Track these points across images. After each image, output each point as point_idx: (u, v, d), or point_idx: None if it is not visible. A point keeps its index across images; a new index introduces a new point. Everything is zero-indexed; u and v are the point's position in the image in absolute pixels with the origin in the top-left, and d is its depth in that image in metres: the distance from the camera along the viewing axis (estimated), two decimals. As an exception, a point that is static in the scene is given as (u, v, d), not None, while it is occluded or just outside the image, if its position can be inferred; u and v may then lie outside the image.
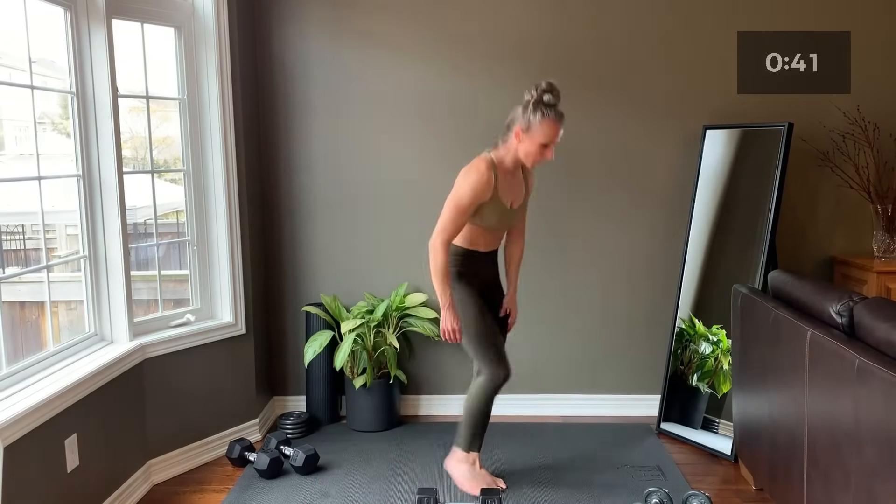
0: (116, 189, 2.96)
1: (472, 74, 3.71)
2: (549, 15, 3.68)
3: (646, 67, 3.69)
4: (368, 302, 3.75)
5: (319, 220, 3.85)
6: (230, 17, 3.36)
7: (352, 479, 3.16)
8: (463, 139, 3.75)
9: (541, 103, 2.70)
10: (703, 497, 2.75)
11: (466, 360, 3.89)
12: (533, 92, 2.72)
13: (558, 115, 2.71)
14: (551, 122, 2.69)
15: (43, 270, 2.77)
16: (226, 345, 3.45)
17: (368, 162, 3.80)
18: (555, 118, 2.70)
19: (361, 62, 3.74)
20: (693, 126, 3.69)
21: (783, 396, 2.55)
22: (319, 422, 3.77)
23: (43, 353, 2.71)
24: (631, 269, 3.81)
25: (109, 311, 3.04)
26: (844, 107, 3.61)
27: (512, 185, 2.88)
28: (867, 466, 1.95)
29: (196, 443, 3.35)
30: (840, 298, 2.33)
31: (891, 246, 3.56)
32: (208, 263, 3.45)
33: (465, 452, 3.03)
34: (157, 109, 3.46)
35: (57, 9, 2.81)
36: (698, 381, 3.51)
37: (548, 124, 2.69)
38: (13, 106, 2.83)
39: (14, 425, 2.24)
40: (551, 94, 2.70)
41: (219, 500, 3.01)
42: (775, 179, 3.32)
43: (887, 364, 1.89)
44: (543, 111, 2.69)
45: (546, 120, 2.69)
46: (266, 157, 3.82)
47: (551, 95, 2.70)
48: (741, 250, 3.45)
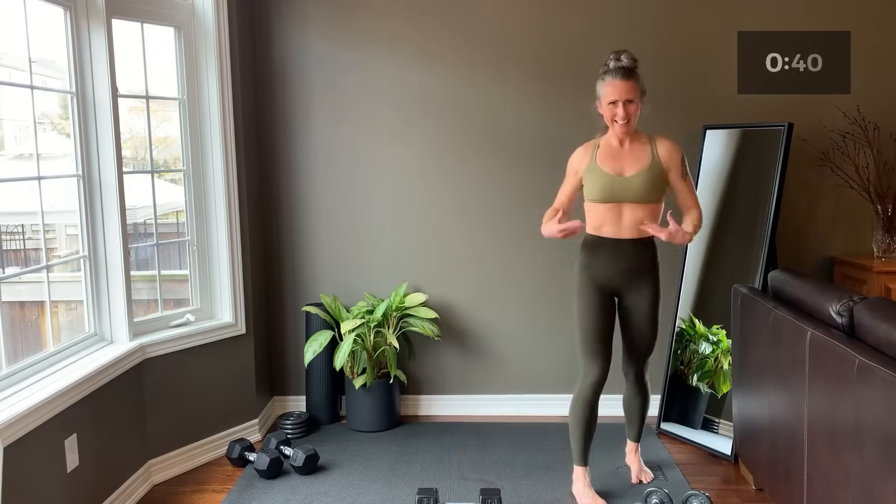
0: (116, 189, 2.96)
1: (472, 75, 3.71)
2: (550, 16, 3.68)
3: (646, 67, 3.67)
4: (368, 302, 3.75)
5: (319, 219, 3.85)
6: (230, 17, 3.36)
7: (352, 479, 3.16)
8: (463, 139, 3.76)
9: (602, 72, 2.76)
10: (703, 497, 2.75)
11: (466, 360, 3.91)
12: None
13: (615, 71, 2.70)
14: (609, 82, 2.71)
15: (43, 270, 2.77)
16: (226, 345, 3.45)
17: (368, 162, 3.80)
18: (612, 77, 2.71)
19: (362, 62, 3.74)
20: (693, 126, 3.69)
21: (783, 396, 2.55)
22: (319, 422, 3.77)
23: (43, 353, 2.71)
24: (631, 269, 3.81)
25: (109, 311, 3.04)
26: (844, 107, 3.61)
27: (619, 155, 2.79)
28: (867, 466, 1.95)
29: (196, 443, 3.35)
30: (840, 298, 2.33)
31: (891, 246, 3.56)
32: (208, 263, 3.45)
33: (576, 467, 2.98)
34: (157, 109, 3.46)
35: (57, 9, 2.81)
36: (698, 381, 3.51)
37: (606, 85, 2.72)
38: (13, 106, 2.83)
39: (14, 425, 2.24)
40: (612, 58, 2.73)
41: (219, 500, 3.01)
42: (775, 179, 3.32)
43: (887, 364, 1.89)
44: (602, 76, 2.75)
45: (603, 83, 2.74)
46: (266, 157, 3.82)
47: (612, 59, 2.73)
48: (741, 250, 3.45)
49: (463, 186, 3.79)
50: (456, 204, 3.80)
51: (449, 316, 3.85)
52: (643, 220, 2.75)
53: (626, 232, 2.79)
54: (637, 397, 3.09)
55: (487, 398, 3.88)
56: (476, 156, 3.77)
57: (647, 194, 2.74)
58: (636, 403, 3.10)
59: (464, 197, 3.80)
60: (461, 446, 3.48)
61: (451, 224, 3.82)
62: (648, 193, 2.75)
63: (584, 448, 2.93)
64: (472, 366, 3.89)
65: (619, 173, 2.77)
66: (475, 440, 3.53)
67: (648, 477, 3.12)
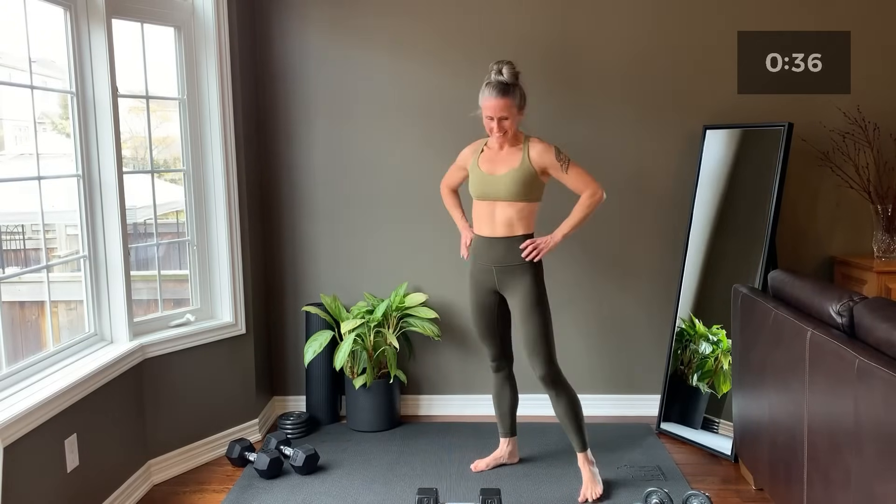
0: (116, 189, 2.96)
1: (472, 75, 3.70)
2: (550, 16, 3.68)
3: (646, 67, 3.69)
4: (368, 302, 3.74)
5: (319, 219, 3.85)
6: (230, 17, 3.36)
7: (352, 479, 3.16)
8: (463, 139, 3.74)
9: (484, 83, 2.87)
10: (703, 497, 2.75)
11: (466, 360, 3.90)
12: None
13: (493, 87, 2.82)
14: (486, 97, 2.84)
15: (43, 270, 2.77)
16: (226, 345, 3.45)
17: (368, 162, 3.80)
18: (489, 92, 2.83)
19: (362, 62, 3.74)
20: (693, 126, 3.69)
21: (783, 396, 2.55)
22: (319, 422, 3.77)
23: (43, 353, 2.71)
24: (631, 268, 3.81)
25: (109, 311, 3.04)
26: (844, 107, 3.61)
27: (496, 157, 2.96)
28: (867, 466, 1.95)
29: (196, 443, 3.35)
30: (840, 298, 2.33)
31: (891, 246, 3.56)
32: (208, 263, 3.45)
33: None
34: (157, 109, 3.46)
35: (57, 9, 2.81)
36: (698, 381, 3.51)
37: (484, 99, 2.85)
38: (13, 106, 2.83)
39: (14, 425, 2.24)
40: (493, 71, 2.86)
41: (219, 500, 3.01)
42: (775, 179, 3.32)
43: (887, 364, 1.89)
44: (483, 87, 2.87)
45: (482, 96, 2.86)
46: (266, 157, 3.82)
47: (493, 71, 2.86)
48: (741, 250, 3.45)
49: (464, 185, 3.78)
50: (456, 204, 3.80)
51: (449, 316, 3.85)
52: (511, 219, 2.91)
53: (498, 230, 2.94)
54: (557, 404, 2.99)
55: (487, 398, 3.87)
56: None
57: (514, 192, 2.88)
58: (558, 410, 3.00)
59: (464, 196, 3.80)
60: (461, 446, 3.48)
61: (451, 224, 3.81)
62: (516, 191, 2.88)
63: (499, 417, 3.28)
64: (472, 366, 3.89)
65: (492, 172, 2.94)
66: (475, 440, 3.53)
67: (597, 491, 2.95)
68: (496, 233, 2.94)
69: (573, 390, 3.02)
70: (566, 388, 2.99)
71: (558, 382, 2.97)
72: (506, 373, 3.22)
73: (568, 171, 2.90)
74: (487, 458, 3.25)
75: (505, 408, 3.26)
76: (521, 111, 2.89)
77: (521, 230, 2.93)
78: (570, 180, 2.92)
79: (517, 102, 2.85)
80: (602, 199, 2.95)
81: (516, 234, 2.93)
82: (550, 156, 2.89)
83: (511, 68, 2.85)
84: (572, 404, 3.00)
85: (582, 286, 3.83)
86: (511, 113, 2.83)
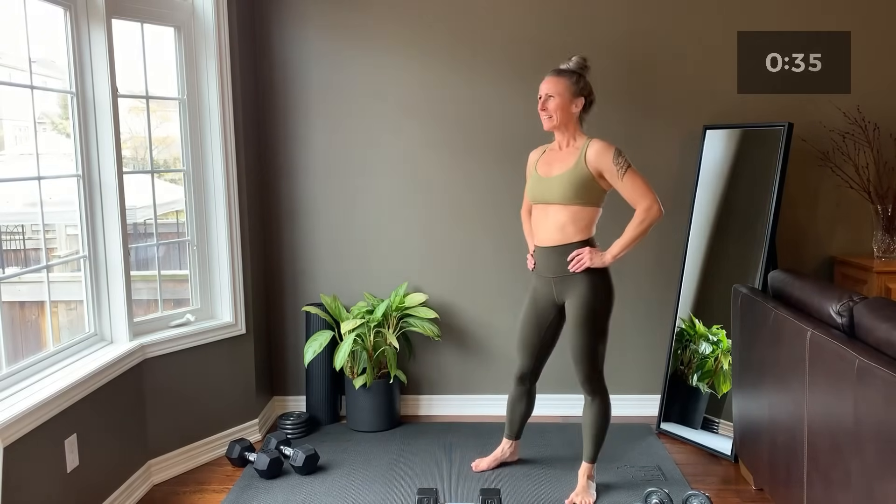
0: (116, 189, 2.96)
1: (472, 75, 3.71)
2: (550, 16, 3.68)
3: (646, 67, 3.69)
4: (368, 302, 3.74)
5: (319, 219, 3.85)
6: (230, 17, 3.36)
7: (352, 479, 3.16)
8: (464, 139, 3.76)
9: None
10: (703, 497, 2.75)
11: (466, 360, 3.90)
12: None
13: (552, 71, 2.84)
14: (544, 80, 2.84)
15: (43, 270, 2.77)
16: (226, 345, 3.45)
17: (368, 162, 3.80)
18: (548, 74, 2.84)
19: (362, 62, 3.74)
20: (693, 126, 3.69)
21: (783, 396, 2.55)
22: (319, 422, 3.77)
23: (43, 353, 2.71)
24: (631, 268, 3.81)
25: (109, 311, 3.04)
26: (844, 107, 3.61)
27: (555, 158, 2.88)
28: (867, 466, 1.95)
29: (196, 443, 3.35)
30: (840, 298, 2.33)
31: (891, 246, 3.56)
32: (208, 263, 3.45)
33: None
34: (157, 109, 3.46)
35: (57, 9, 2.81)
36: (698, 381, 3.51)
37: (542, 83, 2.85)
38: (13, 106, 2.83)
39: (14, 425, 2.24)
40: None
41: (219, 501, 3.01)
42: (775, 179, 3.32)
43: (887, 364, 1.89)
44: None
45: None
46: (266, 157, 3.82)
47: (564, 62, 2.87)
48: (741, 250, 3.45)
49: (463, 186, 3.79)
50: (456, 203, 3.80)
51: (449, 316, 3.85)
52: (564, 224, 2.78)
53: (553, 236, 2.81)
54: (587, 410, 2.97)
55: (487, 398, 3.88)
56: (476, 155, 3.76)
57: (565, 195, 2.75)
58: (586, 417, 2.98)
59: (464, 196, 3.80)
60: (461, 446, 3.48)
61: (451, 224, 3.82)
62: (567, 194, 2.74)
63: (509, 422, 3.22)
64: (472, 366, 3.89)
65: (547, 175, 2.84)
66: (475, 440, 3.53)
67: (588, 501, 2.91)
68: (552, 240, 2.81)
69: (609, 402, 2.96)
70: (603, 399, 2.94)
71: (598, 392, 2.92)
72: (528, 387, 3.15)
73: (623, 179, 2.71)
74: (488, 458, 3.25)
75: (517, 415, 3.20)
76: (576, 99, 2.78)
77: (576, 237, 2.78)
78: (624, 189, 2.73)
79: (571, 87, 2.77)
80: (660, 216, 2.75)
81: (572, 241, 2.79)
82: (608, 158, 2.72)
83: (580, 58, 2.82)
84: (604, 415, 2.95)
85: (582, 286, 3.83)
86: (560, 94, 2.76)
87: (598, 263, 2.76)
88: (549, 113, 2.79)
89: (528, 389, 3.16)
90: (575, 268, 2.78)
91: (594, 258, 2.76)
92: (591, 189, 2.76)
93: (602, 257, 2.77)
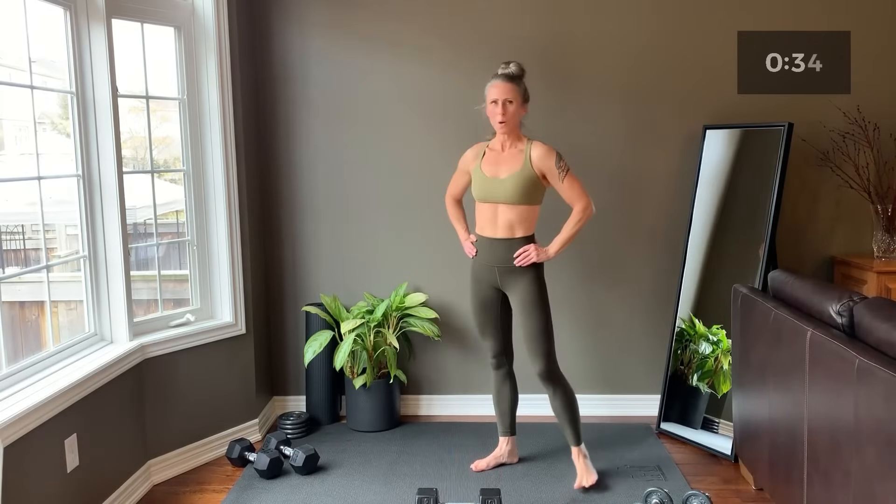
0: (116, 189, 2.96)
1: (472, 75, 3.71)
2: (550, 16, 3.68)
3: (646, 68, 3.69)
4: (368, 302, 3.74)
5: (319, 219, 3.85)
6: (230, 17, 3.36)
7: (352, 479, 3.16)
8: (463, 139, 3.74)
9: (491, 77, 2.98)
10: (703, 497, 2.75)
11: (466, 360, 3.90)
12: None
13: (500, 76, 2.94)
14: (492, 84, 2.95)
15: (43, 270, 2.77)
16: (226, 345, 3.45)
17: (369, 162, 3.80)
18: (495, 79, 2.95)
19: (362, 62, 3.74)
20: (693, 126, 3.69)
21: (783, 396, 2.55)
22: (319, 422, 3.77)
23: (43, 353, 2.71)
24: (631, 268, 3.81)
25: (109, 311, 3.04)
26: (844, 107, 3.61)
27: (499, 159, 3.01)
28: (867, 466, 1.95)
29: (196, 443, 3.35)
30: (840, 298, 2.33)
31: (891, 246, 3.56)
32: (208, 263, 3.45)
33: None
34: (157, 109, 3.46)
35: (57, 9, 2.81)
36: (698, 381, 3.51)
37: (490, 87, 2.95)
38: (13, 106, 2.83)
39: (14, 425, 2.24)
40: (501, 66, 2.98)
41: (219, 501, 3.01)
42: (775, 179, 3.32)
43: (887, 364, 1.89)
44: (490, 80, 2.97)
45: (489, 85, 2.96)
46: (266, 157, 3.82)
47: (501, 66, 2.97)
48: (741, 250, 3.45)
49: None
50: (456, 204, 3.80)
51: (449, 316, 3.85)
52: (512, 222, 2.96)
53: (499, 231, 3.00)
54: (554, 399, 3.08)
55: (487, 398, 3.87)
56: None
57: (516, 196, 2.93)
58: (555, 405, 3.09)
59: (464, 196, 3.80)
60: (461, 446, 3.48)
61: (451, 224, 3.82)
62: (518, 195, 2.93)
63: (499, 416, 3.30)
64: (472, 366, 3.89)
65: (495, 176, 2.99)
66: (475, 440, 3.53)
67: (592, 479, 3.05)
68: (498, 234, 3.00)
69: (570, 386, 3.10)
70: (563, 385, 3.07)
71: (556, 379, 3.05)
72: (506, 370, 3.24)
73: (563, 181, 2.94)
74: (487, 458, 3.25)
75: (505, 406, 3.27)
76: (523, 105, 2.98)
77: (521, 232, 2.98)
78: (564, 190, 2.97)
79: (521, 93, 2.96)
80: (592, 215, 3.01)
81: (517, 236, 2.98)
82: (551, 161, 2.93)
83: (518, 64, 2.97)
84: (569, 400, 3.08)
85: (582, 286, 3.83)
86: (516, 99, 2.92)
87: (543, 258, 2.98)
88: (507, 117, 2.92)
89: (507, 372, 3.25)
90: (521, 263, 2.96)
91: (539, 254, 2.97)
92: (537, 189, 2.97)
93: (546, 253, 2.98)
